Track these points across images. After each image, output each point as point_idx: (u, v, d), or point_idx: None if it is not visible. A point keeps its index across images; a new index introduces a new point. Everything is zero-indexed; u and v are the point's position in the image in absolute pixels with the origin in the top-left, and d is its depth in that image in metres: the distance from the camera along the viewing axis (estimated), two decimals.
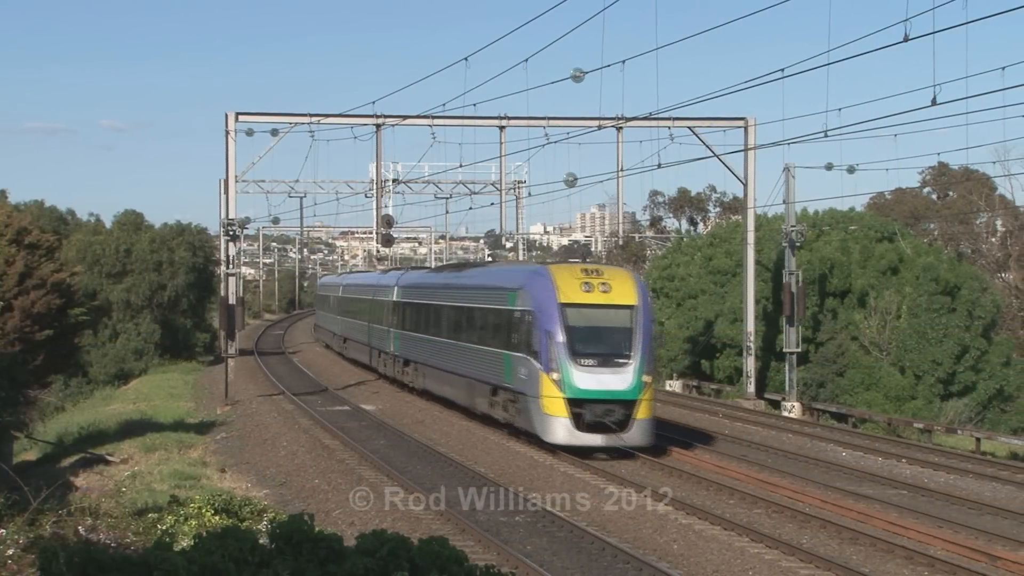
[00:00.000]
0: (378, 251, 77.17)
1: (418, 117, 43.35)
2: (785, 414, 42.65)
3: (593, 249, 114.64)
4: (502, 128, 45.26)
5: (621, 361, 29.10)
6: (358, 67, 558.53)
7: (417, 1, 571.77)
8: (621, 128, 42.62)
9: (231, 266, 45.01)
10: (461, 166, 48.46)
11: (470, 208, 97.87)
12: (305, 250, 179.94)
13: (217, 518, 17.63)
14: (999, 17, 18.19)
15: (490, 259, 76.53)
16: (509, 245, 64.62)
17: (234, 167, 43.98)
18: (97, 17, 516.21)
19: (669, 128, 41.68)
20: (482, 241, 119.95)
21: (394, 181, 58.04)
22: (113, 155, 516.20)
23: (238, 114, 43.78)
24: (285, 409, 40.56)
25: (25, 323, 39.67)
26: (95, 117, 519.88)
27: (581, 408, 28.82)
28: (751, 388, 44.87)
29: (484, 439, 32.89)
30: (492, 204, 56.39)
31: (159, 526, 17.56)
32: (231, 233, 44.51)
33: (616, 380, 28.95)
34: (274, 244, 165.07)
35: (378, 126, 44.15)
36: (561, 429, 28.93)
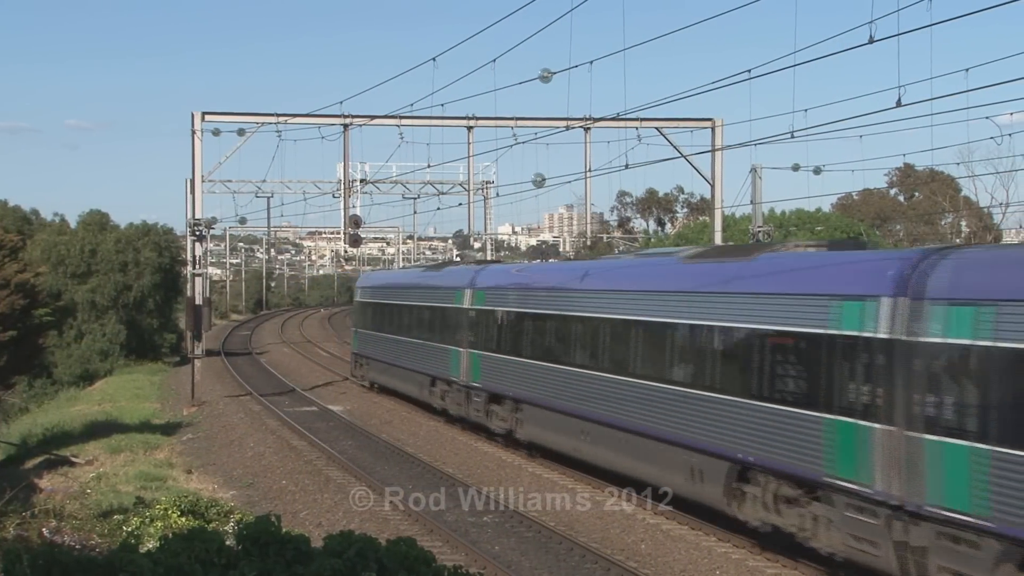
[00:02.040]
0: (346, 251, 76.98)
1: (386, 117, 43.31)
2: None
3: (561, 249, 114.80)
4: (470, 128, 45.32)
5: None
6: (325, 67, 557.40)
7: (385, 1, 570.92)
8: (589, 128, 42.75)
9: (198, 266, 44.82)
10: (429, 166, 48.44)
11: (438, 208, 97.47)
12: (272, 250, 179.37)
13: (183, 519, 17.54)
14: (964, 19, 18.31)
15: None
16: (477, 245, 64.56)
17: (201, 167, 43.83)
18: (61, 16, 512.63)
19: (637, 129, 41.83)
20: (450, 241, 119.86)
21: (362, 181, 57.98)
22: (78, 155, 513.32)
23: (204, 114, 43.60)
24: (252, 410, 40.39)
25: None
26: (60, 117, 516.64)
27: None
28: None
29: (452, 439, 32.83)
30: (460, 204, 56.21)
31: (125, 528, 17.46)
32: (198, 233, 44.34)
33: None
34: (241, 244, 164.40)
35: (345, 126, 44.09)
36: None
